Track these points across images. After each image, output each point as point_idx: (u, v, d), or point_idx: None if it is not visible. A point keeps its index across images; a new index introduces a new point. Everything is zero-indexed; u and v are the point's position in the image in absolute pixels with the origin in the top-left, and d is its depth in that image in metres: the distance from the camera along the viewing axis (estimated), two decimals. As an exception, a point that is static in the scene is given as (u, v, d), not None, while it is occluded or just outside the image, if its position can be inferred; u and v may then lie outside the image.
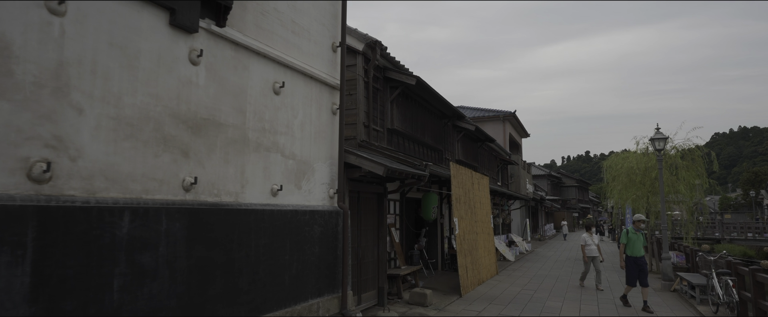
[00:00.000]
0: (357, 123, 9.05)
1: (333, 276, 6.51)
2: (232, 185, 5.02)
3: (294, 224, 5.79)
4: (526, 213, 28.46)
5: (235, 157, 5.08)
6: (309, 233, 6.06)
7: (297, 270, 5.78)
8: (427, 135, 12.42)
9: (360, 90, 9.19)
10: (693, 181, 14.01)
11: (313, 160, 6.47)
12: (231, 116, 5.06)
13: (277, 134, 5.78)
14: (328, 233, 6.47)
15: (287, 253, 5.63)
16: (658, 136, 12.06)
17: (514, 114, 26.40)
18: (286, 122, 5.95)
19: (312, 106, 6.51)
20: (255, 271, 5.10)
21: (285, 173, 5.85)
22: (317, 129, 6.60)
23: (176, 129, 4.39)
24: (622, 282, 11.63)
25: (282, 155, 5.83)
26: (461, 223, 10.74)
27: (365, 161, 7.01)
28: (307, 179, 6.29)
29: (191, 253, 4.35)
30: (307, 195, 6.25)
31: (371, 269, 8.38)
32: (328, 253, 6.45)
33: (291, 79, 6.09)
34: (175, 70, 4.42)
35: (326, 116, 6.84)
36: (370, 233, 8.41)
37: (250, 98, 5.37)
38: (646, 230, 8.78)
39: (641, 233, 8.93)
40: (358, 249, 7.90)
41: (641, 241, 8.83)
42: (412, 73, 10.02)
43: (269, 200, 5.54)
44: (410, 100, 11.37)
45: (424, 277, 11.68)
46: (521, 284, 11.79)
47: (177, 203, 4.29)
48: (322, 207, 6.46)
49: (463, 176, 11.43)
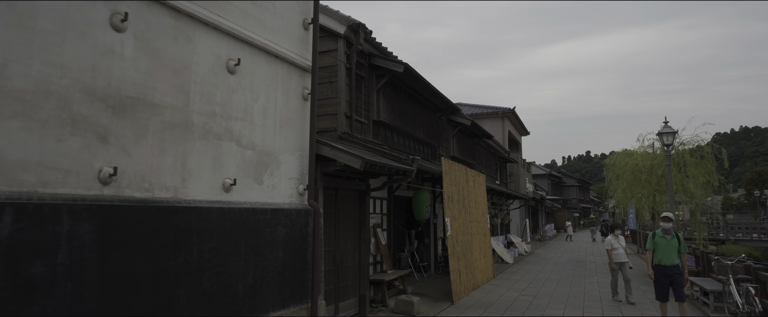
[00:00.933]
0: (338, 113, 8.23)
1: (301, 284, 5.68)
2: (170, 177, 4.20)
3: (251, 225, 4.96)
4: (526, 213, 27.62)
5: (175, 144, 4.25)
6: (271, 235, 5.24)
7: (254, 279, 4.95)
8: (418, 129, 11.59)
9: (341, 77, 8.37)
10: (702, 179, 13.18)
11: (279, 151, 5.64)
12: (169, 96, 4.23)
13: (232, 120, 4.95)
14: (296, 235, 5.64)
15: (241, 259, 4.80)
16: (666, 130, 11.24)
17: (513, 111, 25.57)
18: (244, 106, 5.13)
19: (277, 89, 5.69)
20: (197, 281, 4.27)
21: (241, 165, 5.03)
22: (284, 116, 5.77)
23: (91, 108, 3.57)
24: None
25: (238, 144, 5.00)
26: (454, 223, 9.91)
27: (341, 154, 6.18)
28: (270, 173, 5.46)
29: (106, 261, 3.52)
30: (269, 191, 5.42)
31: (351, 274, 7.56)
32: (296, 258, 5.62)
33: (250, 56, 5.26)
34: (89, 36, 3.59)
35: (295, 101, 6.01)
36: (350, 235, 7.59)
37: (196, 76, 4.54)
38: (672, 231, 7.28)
39: (672, 235, 7.27)
40: (335, 253, 7.07)
41: (673, 246, 7.17)
42: (400, 60, 9.19)
43: (220, 196, 4.71)
44: (399, 90, 10.54)
45: (415, 282, 10.85)
46: (519, 289, 10.96)
47: (89, 198, 3.46)
48: (288, 205, 5.63)
49: (457, 172, 10.60)
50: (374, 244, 9.00)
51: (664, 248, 7.20)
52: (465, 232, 10.68)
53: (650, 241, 7.43)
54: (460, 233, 10.28)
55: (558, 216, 45.04)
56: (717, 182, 13.31)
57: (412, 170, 7.64)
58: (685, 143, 13.68)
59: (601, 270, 14.95)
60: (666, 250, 7.18)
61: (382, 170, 6.71)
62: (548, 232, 35.44)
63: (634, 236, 26.71)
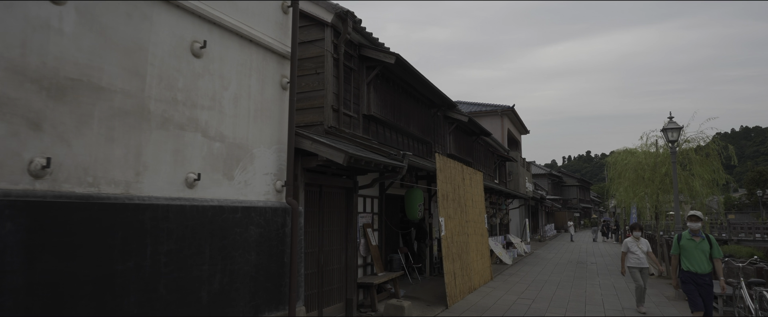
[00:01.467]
0: (324, 106, 7.76)
1: (277, 289, 5.21)
2: (121, 171, 3.72)
3: (218, 225, 4.48)
4: (526, 213, 27.14)
5: (126, 134, 3.78)
6: (242, 236, 4.76)
7: (222, 284, 4.48)
8: (412, 125, 11.11)
9: (328, 68, 7.89)
10: (708, 177, 12.67)
11: (253, 144, 5.17)
12: (120, 79, 3.76)
13: (197, 108, 4.48)
14: (271, 236, 5.16)
15: (206, 262, 4.32)
16: (671, 125, 10.75)
17: (512, 109, 25.10)
18: (212, 93, 4.65)
19: (251, 76, 5.21)
20: (152, 287, 3.79)
21: (208, 158, 4.55)
22: (259, 106, 5.30)
23: (19, 90, 3.10)
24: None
25: (204, 135, 4.53)
26: (449, 223, 9.43)
27: (323, 148, 5.71)
28: (242, 168, 4.99)
29: (36, 265, 3.05)
30: (241, 188, 4.95)
31: (337, 277, 7.08)
32: (271, 260, 5.14)
33: (219, 39, 4.79)
34: (19, 8, 3.12)
35: (273, 90, 5.54)
36: (335, 235, 7.11)
37: (154, 59, 4.07)
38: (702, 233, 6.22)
39: (702, 237, 6.16)
40: (319, 255, 6.60)
41: (703, 250, 6.11)
42: (392, 51, 8.72)
43: (182, 192, 4.24)
44: (392, 83, 10.07)
45: (409, 284, 10.37)
46: (518, 291, 10.49)
47: (15, 193, 2.99)
48: (264, 203, 5.15)
49: (452, 170, 10.13)
50: (364, 245, 8.53)
51: (692, 252, 6.14)
52: (461, 232, 10.21)
53: (675, 245, 6.39)
54: (456, 234, 9.81)
55: (558, 216, 44.58)
56: (724, 181, 12.82)
57: (403, 166, 7.17)
58: (690, 140, 13.19)
59: (602, 271, 14.48)
60: (695, 255, 6.12)
61: (368, 165, 6.23)
62: (548, 232, 34.95)
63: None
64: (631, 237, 8.68)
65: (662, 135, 13.64)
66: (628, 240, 8.65)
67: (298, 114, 7.93)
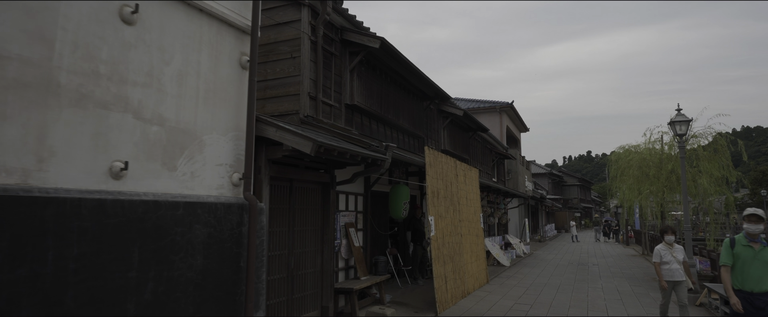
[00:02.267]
0: (300, 94, 7.05)
1: (231, 298, 4.49)
2: (16, 156, 3.01)
3: (152, 223, 3.77)
4: (526, 213, 26.41)
5: (25, 111, 3.07)
6: (185, 237, 4.04)
7: (155, 294, 3.76)
8: (402, 118, 10.39)
9: (305, 52, 7.18)
10: (716, 174, 11.95)
11: (203, 130, 4.45)
12: (17, 44, 3.05)
13: (128, 85, 3.76)
14: (223, 237, 4.45)
15: (134, 268, 3.60)
16: (679, 118, 10.04)
17: (511, 105, 24.37)
18: (148, 68, 3.94)
19: (201, 51, 4.50)
20: (55, 300, 3.08)
21: (142, 144, 3.84)
22: (211, 86, 4.58)
23: None
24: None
25: (137, 116, 3.81)
26: (440, 223, 8.71)
27: (288, 135, 4.99)
28: (188, 157, 4.27)
29: None
30: (186, 180, 4.23)
31: (311, 283, 6.37)
32: (223, 265, 4.43)
33: (158, 6, 4.07)
34: None
35: (229, 69, 4.82)
36: (310, 236, 6.40)
37: (68, 22, 3.35)
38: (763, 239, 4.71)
39: (763, 244, 4.68)
40: (289, 257, 5.88)
41: (764, 261, 4.60)
42: (377, 35, 8.00)
43: (105, 184, 3.52)
44: (378, 72, 9.35)
45: (398, 288, 9.65)
46: (515, 296, 9.77)
47: None
48: (216, 199, 4.44)
49: (443, 165, 9.41)
50: (346, 246, 7.81)
51: (749, 264, 4.64)
52: (453, 233, 9.49)
53: (727, 253, 4.82)
54: (448, 234, 9.09)
55: (559, 216, 43.88)
56: (734, 178, 12.11)
57: (386, 159, 6.46)
58: (697, 135, 12.48)
59: (604, 273, 13.76)
60: (752, 268, 4.61)
61: (343, 156, 5.51)
62: (549, 232, 34.24)
63: (639, 237, 25.49)
64: (663, 243, 6.92)
65: (668, 130, 12.98)
66: (660, 247, 6.89)
67: (271, 103, 7.22)
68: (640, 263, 16.83)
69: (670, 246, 6.83)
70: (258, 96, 7.37)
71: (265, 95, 7.30)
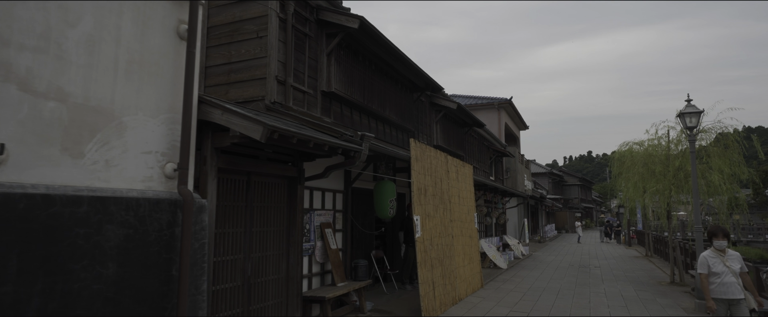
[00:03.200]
0: (267, 77, 6.26)
1: (157, 315, 3.69)
2: None
3: (42, 222, 2.98)
4: (525, 213, 25.59)
5: None
6: (90, 240, 3.25)
7: (42, 312, 2.96)
8: (389, 109, 9.59)
9: (273, 31, 6.39)
10: (728, 170, 11.13)
11: (124, 110, 3.66)
12: None
13: (11, 48, 2.97)
14: (148, 239, 3.65)
15: (11, 280, 2.81)
16: (689, 109, 9.24)
17: (510, 101, 23.57)
18: (43, 28, 3.15)
19: (123, 15, 3.70)
20: None
21: (30, 123, 3.05)
22: (136, 58, 3.79)
23: None
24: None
25: (23, 88, 3.02)
26: (427, 223, 7.92)
27: (235, 118, 4.20)
28: (102, 142, 3.48)
29: None
30: (98, 170, 3.44)
31: (274, 291, 5.57)
32: (147, 274, 3.63)
33: (59, -48, 3.28)
34: None
35: (161, 38, 4.03)
36: (272, 237, 5.60)
37: None
38: None
39: None
40: (244, 262, 5.09)
41: None
42: (356, 15, 7.20)
43: (-29, 173, 2.74)
44: (361, 57, 8.55)
45: (384, 294, 8.86)
46: (510, 302, 8.96)
47: None
48: (139, 193, 3.65)
49: (433, 160, 8.61)
50: (321, 249, 7.02)
51: None
52: (443, 234, 8.69)
53: None
54: (436, 235, 8.29)
55: (559, 216, 43.06)
56: (746, 175, 11.31)
57: (360, 150, 5.66)
58: (707, 130, 11.66)
59: (607, 276, 12.95)
60: None
61: (305, 145, 4.72)
62: (549, 233, 33.43)
63: (641, 238, 24.67)
64: (711, 249, 5.49)
65: (675, 125, 12.16)
66: (707, 253, 5.49)
67: (235, 88, 6.44)
68: (644, 265, 16.02)
69: (722, 252, 5.36)
70: (221, 81, 6.59)
71: (229, 80, 6.52)
